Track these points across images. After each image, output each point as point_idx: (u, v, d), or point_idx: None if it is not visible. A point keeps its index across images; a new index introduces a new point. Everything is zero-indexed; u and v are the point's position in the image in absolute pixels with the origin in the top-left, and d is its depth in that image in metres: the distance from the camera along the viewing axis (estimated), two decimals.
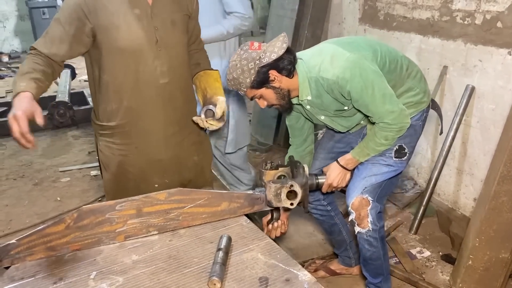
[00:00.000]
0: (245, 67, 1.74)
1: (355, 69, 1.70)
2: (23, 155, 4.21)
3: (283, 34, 1.80)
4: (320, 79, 1.77)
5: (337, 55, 1.75)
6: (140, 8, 1.65)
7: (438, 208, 2.93)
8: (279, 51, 1.74)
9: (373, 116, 1.79)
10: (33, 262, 1.41)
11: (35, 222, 3.01)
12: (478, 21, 2.53)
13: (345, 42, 1.84)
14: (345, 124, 1.96)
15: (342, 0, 3.73)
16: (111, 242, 1.51)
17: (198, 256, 1.44)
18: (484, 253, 2.16)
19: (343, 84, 1.72)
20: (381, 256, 1.98)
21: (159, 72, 1.72)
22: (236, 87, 1.80)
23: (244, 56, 1.74)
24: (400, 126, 1.79)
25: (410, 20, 3.03)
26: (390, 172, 1.93)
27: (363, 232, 1.91)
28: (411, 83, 1.90)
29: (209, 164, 2.11)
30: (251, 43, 1.77)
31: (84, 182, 3.63)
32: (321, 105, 1.87)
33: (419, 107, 1.93)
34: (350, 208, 1.91)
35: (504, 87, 2.42)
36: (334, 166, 1.96)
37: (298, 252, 2.61)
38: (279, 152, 4.06)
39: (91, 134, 4.72)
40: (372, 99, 1.73)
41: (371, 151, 1.88)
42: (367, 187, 1.90)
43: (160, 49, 1.70)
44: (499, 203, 2.09)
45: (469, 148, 2.71)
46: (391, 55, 1.86)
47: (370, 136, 1.86)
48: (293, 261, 1.41)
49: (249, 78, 1.75)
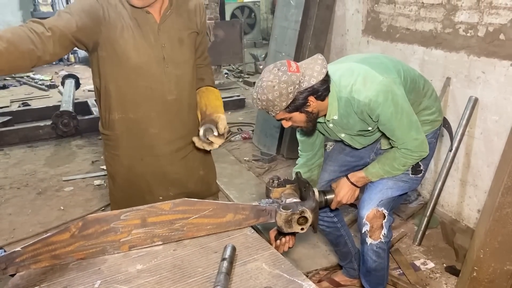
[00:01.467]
0: (283, 91, 1.64)
1: (387, 94, 1.68)
2: (27, 164, 4.23)
3: (320, 57, 1.72)
4: (351, 100, 1.73)
5: (369, 77, 1.71)
6: (148, 25, 1.67)
7: (442, 219, 2.92)
8: (319, 76, 1.67)
9: (396, 141, 1.78)
10: (38, 270, 1.41)
11: (38, 231, 3.01)
12: (480, 33, 2.55)
13: (373, 62, 1.80)
14: (363, 142, 1.96)
15: (345, 12, 3.76)
16: (116, 252, 1.51)
17: (202, 266, 1.44)
18: (488, 265, 2.14)
19: (374, 107, 1.69)
20: (385, 267, 1.98)
21: (167, 89, 1.74)
22: (268, 109, 1.71)
23: (284, 78, 1.64)
24: (420, 155, 1.81)
25: (413, 32, 3.05)
26: (405, 187, 1.94)
27: (373, 244, 1.91)
28: (428, 102, 1.91)
29: (215, 178, 2.11)
30: (289, 63, 1.68)
31: (87, 192, 3.64)
32: (346, 124, 1.84)
33: (433, 126, 1.95)
34: (365, 220, 1.89)
35: (507, 98, 2.42)
36: (343, 182, 1.94)
37: (301, 263, 2.60)
38: (282, 163, 4.07)
39: (94, 144, 4.74)
40: (399, 125, 1.73)
41: (385, 174, 1.88)
42: (383, 200, 1.89)
43: (167, 66, 1.72)
44: (503, 214, 2.08)
45: (472, 159, 2.71)
46: (410, 74, 1.86)
47: (389, 160, 1.85)
48: (297, 271, 1.41)
49: (286, 102, 1.67)
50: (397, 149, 1.81)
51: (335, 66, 1.85)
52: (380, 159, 1.90)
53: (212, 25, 6.04)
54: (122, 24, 1.63)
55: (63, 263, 1.44)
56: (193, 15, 1.79)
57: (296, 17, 3.94)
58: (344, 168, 2.10)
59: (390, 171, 1.86)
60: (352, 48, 3.73)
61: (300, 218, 1.63)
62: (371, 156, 2.04)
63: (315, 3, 3.79)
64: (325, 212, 2.16)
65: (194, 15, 1.79)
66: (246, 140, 4.73)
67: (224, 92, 6.21)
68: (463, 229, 2.76)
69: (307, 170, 2.09)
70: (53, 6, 8.98)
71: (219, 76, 6.90)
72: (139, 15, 1.66)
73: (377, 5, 3.42)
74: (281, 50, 4.21)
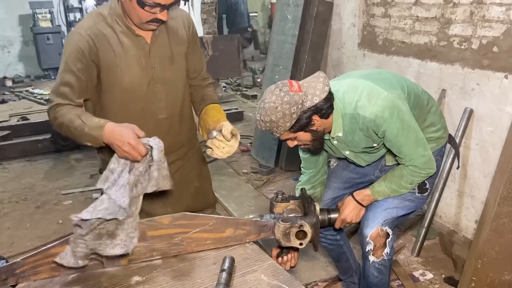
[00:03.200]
0: (286, 111, 1.62)
1: (393, 109, 1.66)
2: (26, 178, 4.23)
3: (322, 74, 1.70)
4: (356, 116, 1.71)
5: (374, 93, 1.69)
6: (139, 47, 1.71)
7: (440, 230, 2.93)
8: (321, 94, 1.65)
9: (403, 158, 1.75)
10: (37, 283, 1.41)
11: (36, 245, 3.00)
12: (474, 45, 2.59)
13: (377, 78, 1.78)
14: (368, 159, 1.93)
15: (341, 26, 3.82)
16: (115, 265, 1.52)
17: (201, 277, 1.44)
18: (487, 275, 2.15)
19: (380, 123, 1.67)
20: (386, 282, 1.96)
21: (157, 108, 1.78)
22: (272, 130, 1.68)
23: (286, 99, 1.61)
24: (428, 172, 1.78)
25: (409, 45, 3.10)
26: (411, 206, 1.91)
27: (376, 262, 1.89)
28: (433, 119, 1.89)
29: (210, 188, 2.12)
30: (290, 83, 1.66)
31: (86, 205, 3.57)
32: (351, 142, 1.81)
33: (438, 143, 1.92)
34: (368, 239, 1.87)
35: (501, 109, 2.45)
36: (348, 200, 1.90)
37: (300, 274, 2.60)
38: (281, 175, 4.08)
39: (93, 157, 4.75)
40: (406, 141, 1.70)
41: (392, 193, 1.84)
42: (387, 219, 1.87)
43: (157, 86, 1.75)
44: (500, 224, 2.10)
45: (469, 170, 2.73)
46: (414, 90, 1.83)
47: (395, 178, 1.81)
48: (296, 282, 1.41)
49: (290, 122, 1.64)
50: (404, 167, 1.77)
51: (338, 82, 1.82)
52: (386, 177, 1.86)
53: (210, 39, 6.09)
54: (113, 51, 1.67)
55: (62, 275, 1.45)
56: (181, 29, 1.81)
57: (293, 31, 3.99)
58: (348, 185, 2.07)
59: (397, 189, 1.82)
60: (349, 61, 3.77)
61: (299, 232, 1.62)
62: (376, 173, 2.01)
63: (311, 18, 3.84)
64: (328, 230, 2.11)
65: (182, 28, 1.81)
66: (244, 153, 4.75)
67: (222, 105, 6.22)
68: (461, 239, 2.77)
69: (310, 187, 2.06)
70: (52, 22, 9.05)
71: (217, 89, 6.95)
72: (130, 39, 1.69)
73: (372, 19, 3.47)
74: (278, 64, 4.26)
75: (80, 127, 1.55)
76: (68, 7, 9.49)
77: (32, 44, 9.28)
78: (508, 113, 2.41)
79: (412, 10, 3.03)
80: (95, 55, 1.64)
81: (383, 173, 1.96)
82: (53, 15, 9.14)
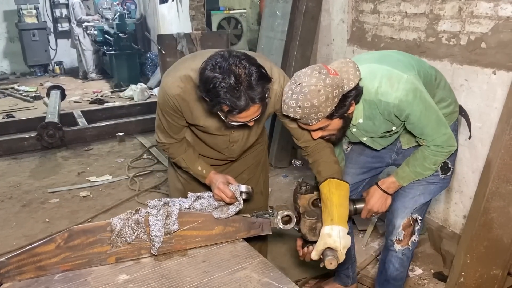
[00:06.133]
0: (329, 94, 1.50)
1: (416, 91, 1.61)
2: (11, 176, 4.16)
3: (349, 60, 1.63)
4: (378, 103, 1.65)
5: (394, 77, 1.62)
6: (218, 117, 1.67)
7: (429, 226, 2.94)
8: (355, 79, 1.57)
9: (426, 139, 1.72)
10: (22, 283, 1.38)
11: (22, 245, 2.95)
12: (463, 42, 2.60)
13: (391, 61, 1.71)
14: (385, 144, 1.89)
15: (330, 22, 3.81)
16: (102, 264, 1.49)
17: (190, 275, 1.43)
18: (475, 270, 2.16)
19: (404, 107, 1.61)
20: (404, 278, 1.96)
21: (228, 155, 1.92)
22: (309, 117, 1.53)
23: (328, 81, 1.49)
24: (449, 150, 1.75)
25: (398, 41, 3.10)
26: (437, 189, 1.90)
27: (400, 250, 1.88)
28: (442, 94, 1.83)
29: None
30: (326, 67, 1.55)
31: (73, 203, 3.59)
32: (371, 127, 1.76)
33: (451, 118, 1.86)
34: (401, 229, 1.86)
35: (489, 105, 2.47)
36: (374, 190, 1.86)
37: (290, 271, 2.59)
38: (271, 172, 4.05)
39: (80, 155, 4.70)
40: (428, 122, 1.67)
41: (417, 176, 1.81)
42: (416, 207, 1.86)
43: (233, 146, 1.84)
44: (488, 219, 2.11)
45: (458, 166, 2.74)
46: (423, 67, 1.78)
47: (418, 161, 1.78)
48: (286, 279, 1.40)
49: (331, 107, 1.53)
50: (426, 148, 1.74)
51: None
52: (408, 161, 1.82)
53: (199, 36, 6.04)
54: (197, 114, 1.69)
55: (48, 275, 1.42)
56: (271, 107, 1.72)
57: (282, 28, 3.97)
58: (365, 170, 2.04)
59: (421, 172, 1.79)
60: (338, 58, 3.76)
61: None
62: (393, 157, 1.97)
63: (300, 14, 3.83)
64: None
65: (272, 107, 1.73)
66: None
67: None
68: (450, 235, 2.78)
69: None
70: (38, 18, 8.92)
71: None
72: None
73: (361, 15, 3.47)
74: None
75: (187, 169, 1.87)
76: (54, 3, 9.36)
77: (18, 40, 9.14)
78: (496, 109, 2.42)
79: (401, 6, 3.03)
80: (181, 112, 1.69)
81: (400, 155, 1.94)
82: (39, 11, 9.02)
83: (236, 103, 1.38)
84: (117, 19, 7.98)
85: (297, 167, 4.18)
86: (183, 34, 5.26)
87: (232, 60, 1.39)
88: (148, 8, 9.08)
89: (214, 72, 1.38)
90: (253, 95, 1.40)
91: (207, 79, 1.39)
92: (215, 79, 1.37)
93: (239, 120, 1.48)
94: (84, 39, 8.64)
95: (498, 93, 2.40)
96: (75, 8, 8.65)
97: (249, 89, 1.39)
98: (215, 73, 1.38)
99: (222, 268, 1.46)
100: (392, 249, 1.90)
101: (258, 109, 1.47)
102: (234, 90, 1.37)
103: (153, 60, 8.31)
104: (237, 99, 1.38)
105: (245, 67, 1.39)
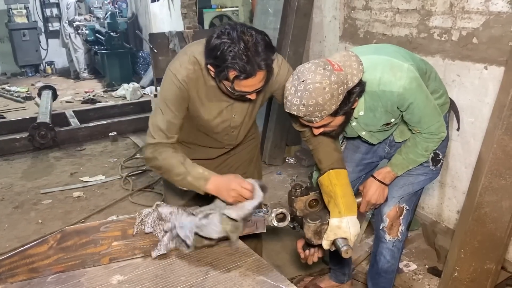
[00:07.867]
0: (335, 92, 1.45)
1: (418, 80, 1.61)
2: (3, 178, 4.13)
3: (351, 52, 1.60)
4: (380, 93, 1.62)
5: (395, 66, 1.60)
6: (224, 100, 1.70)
7: (423, 221, 2.96)
8: (359, 73, 1.53)
9: (421, 127, 1.72)
10: (14, 285, 1.37)
11: (15, 246, 2.93)
12: (454, 37, 2.61)
13: (389, 52, 1.70)
14: (381, 137, 1.89)
15: (322, 19, 3.81)
16: (96, 265, 1.48)
17: (185, 275, 1.42)
18: (469, 265, 2.18)
19: (408, 95, 1.59)
20: (395, 271, 1.97)
21: (226, 143, 1.89)
22: (312, 115, 1.49)
23: (333, 78, 1.45)
24: (440, 136, 1.76)
25: (390, 37, 3.10)
26: (426, 180, 1.92)
27: (391, 241, 1.89)
28: (434, 85, 1.82)
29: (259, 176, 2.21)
30: (330, 62, 1.50)
31: (66, 204, 3.57)
32: (372, 119, 1.74)
33: (443, 109, 1.86)
34: (385, 217, 1.88)
35: (481, 100, 2.48)
36: (370, 182, 1.85)
37: (285, 269, 2.59)
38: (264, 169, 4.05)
39: (73, 155, 4.66)
40: (427, 110, 1.67)
41: (411, 163, 1.81)
42: (404, 196, 1.88)
43: (233, 131, 1.83)
44: (482, 214, 2.12)
45: (450, 161, 2.75)
46: (415, 59, 1.76)
47: (410, 148, 1.79)
48: (281, 276, 1.40)
49: (335, 105, 1.48)
50: (418, 134, 1.75)
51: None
52: (401, 150, 1.83)
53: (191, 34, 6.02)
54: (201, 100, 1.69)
55: (41, 277, 1.40)
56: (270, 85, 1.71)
57: (275, 25, 3.96)
58: (361, 167, 2.05)
59: (414, 158, 1.79)
60: (331, 54, 3.76)
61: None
62: (386, 149, 1.98)
63: (292, 11, 3.83)
64: None
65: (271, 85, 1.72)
66: None
67: None
68: (444, 230, 2.80)
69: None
70: (28, 17, 8.84)
71: None
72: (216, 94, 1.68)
73: (353, 11, 3.47)
74: None
75: (183, 175, 1.60)
76: (44, 2, 9.28)
77: (8, 40, 9.06)
78: (488, 104, 2.43)
79: (393, 2, 3.04)
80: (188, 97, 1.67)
81: (393, 148, 1.95)
82: (29, 11, 8.94)
83: (245, 67, 1.41)
84: (108, 18, 7.94)
85: (291, 165, 4.18)
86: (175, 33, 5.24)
87: (240, 28, 1.44)
88: (139, 6, 9.03)
89: (222, 38, 1.42)
90: (260, 61, 1.44)
91: (215, 46, 1.44)
92: (223, 44, 1.41)
93: (244, 90, 1.51)
94: (75, 39, 8.58)
95: (490, 88, 2.41)
96: (70, 8, 8.57)
97: (256, 55, 1.43)
98: (223, 39, 1.42)
99: (217, 267, 1.45)
100: (383, 240, 1.91)
101: (263, 79, 1.51)
102: (242, 55, 1.41)
103: (145, 59, 8.27)
104: (246, 63, 1.41)
105: (252, 34, 1.45)
